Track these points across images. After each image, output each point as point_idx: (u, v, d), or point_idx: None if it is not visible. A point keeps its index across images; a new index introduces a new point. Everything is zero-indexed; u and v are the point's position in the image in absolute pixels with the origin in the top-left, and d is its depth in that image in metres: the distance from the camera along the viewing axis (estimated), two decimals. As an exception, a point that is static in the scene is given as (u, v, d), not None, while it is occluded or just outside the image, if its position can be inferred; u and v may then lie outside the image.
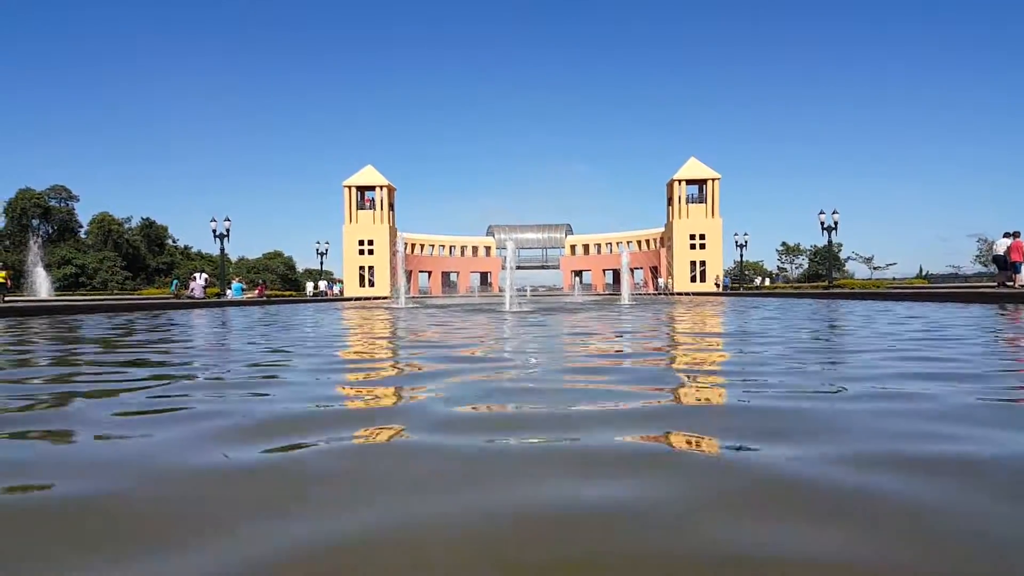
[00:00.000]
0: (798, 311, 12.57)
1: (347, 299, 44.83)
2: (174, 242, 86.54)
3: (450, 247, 71.43)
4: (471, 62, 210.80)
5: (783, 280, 77.37)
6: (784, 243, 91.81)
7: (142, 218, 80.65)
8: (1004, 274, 20.32)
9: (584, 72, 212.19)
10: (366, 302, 34.08)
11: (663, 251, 62.57)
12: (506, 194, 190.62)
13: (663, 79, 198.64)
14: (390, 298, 45.95)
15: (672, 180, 59.77)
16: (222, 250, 35.99)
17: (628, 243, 66.19)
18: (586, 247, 72.64)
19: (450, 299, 40.30)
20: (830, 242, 39.01)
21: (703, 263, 58.30)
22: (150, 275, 76.07)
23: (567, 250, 73.72)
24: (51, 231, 76.47)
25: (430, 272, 68.91)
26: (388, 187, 60.48)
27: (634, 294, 39.39)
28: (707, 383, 3.34)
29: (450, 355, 4.88)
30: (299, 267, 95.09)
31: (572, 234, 74.79)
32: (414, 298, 41.72)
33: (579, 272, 72.39)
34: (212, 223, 35.28)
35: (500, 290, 58.20)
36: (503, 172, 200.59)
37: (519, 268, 67.44)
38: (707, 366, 4.09)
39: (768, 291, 40.67)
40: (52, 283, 48.71)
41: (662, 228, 63.96)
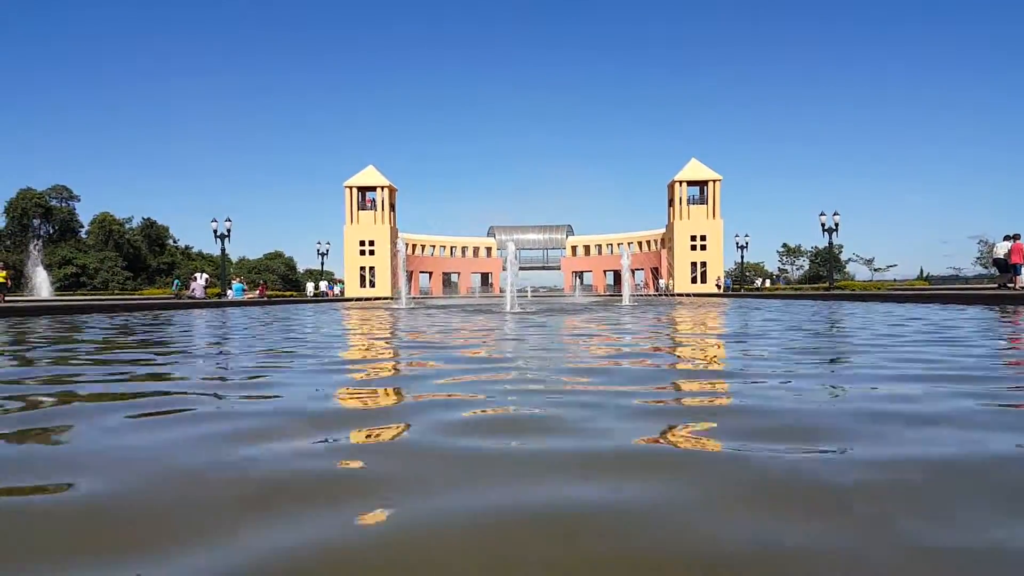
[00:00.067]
0: (800, 312, 12.56)
1: (348, 299, 44.83)
2: (175, 242, 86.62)
3: (451, 248, 71.45)
4: (471, 62, 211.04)
5: (784, 281, 77.30)
6: (785, 244, 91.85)
7: (143, 218, 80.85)
8: (1005, 276, 20.45)
9: (584, 72, 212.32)
10: (367, 302, 34.09)
11: (664, 252, 62.57)
12: (507, 195, 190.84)
13: (663, 79, 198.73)
14: (391, 299, 45.96)
15: (673, 181, 59.78)
16: (223, 250, 36.01)
17: (629, 244, 66.14)
18: (587, 248, 72.65)
19: (451, 300, 40.33)
20: (831, 244, 38.99)
21: (704, 264, 58.28)
22: (151, 275, 76.13)
23: (568, 251, 73.72)
24: (52, 231, 76.55)
25: (431, 273, 68.93)
26: (389, 188, 60.51)
27: (635, 295, 39.38)
28: (707, 385, 3.33)
29: (453, 356, 4.88)
30: (300, 267, 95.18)
31: (573, 235, 74.79)
32: (415, 299, 41.74)
33: (580, 273, 72.38)
34: (213, 223, 35.31)
35: (501, 291, 58.20)
36: (504, 173, 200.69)
37: (520, 269, 67.46)
38: (709, 367, 4.08)
39: (769, 292, 40.63)
40: (53, 283, 48.77)
41: (663, 229, 63.96)
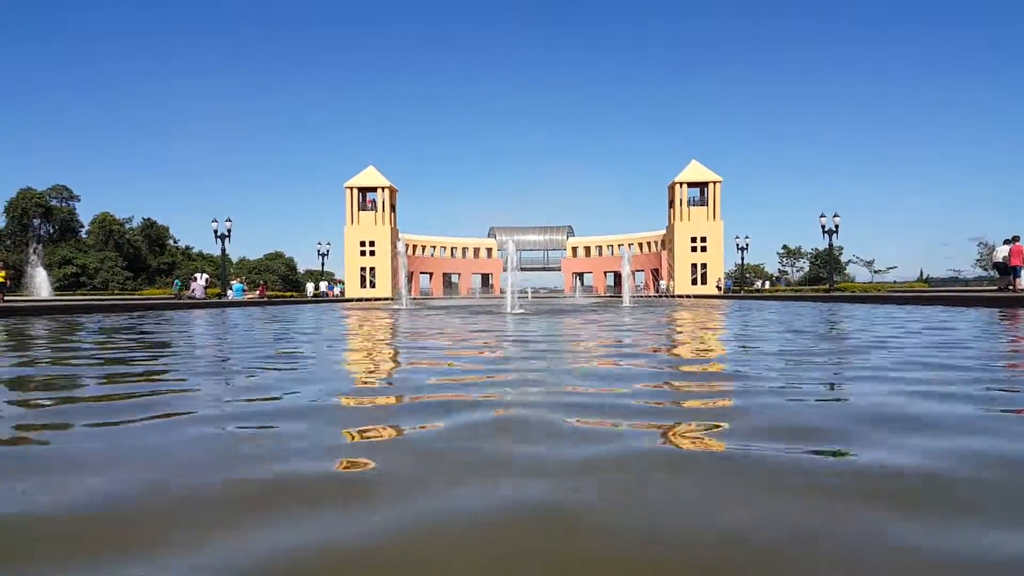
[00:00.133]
0: (801, 314, 12.56)
1: (348, 300, 44.85)
2: (175, 242, 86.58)
3: (451, 248, 71.45)
4: (471, 62, 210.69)
5: (784, 283, 77.25)
6: (785, 246, 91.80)
7: (143, 218, 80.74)
8: (1005, 279, 20.66)
9: (584, 72, 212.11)
10: (367, 303, 34.09)
11: (664, 253, 62.57)
12: (507, 195, 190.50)
13: (663, 79, 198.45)
14: (391, 299, 45.99)
15: (673, 183, 59.80)
16: (223, 250, 36.02)
17: (629, 245, 66.12)
18: (587, 249, 72.67)
19: (451, 300, 40.36)
20: (831, 245, 39.01)
21: (704, 266, 58.29)
22: (151, 275, 76.11)
23: (568, 252, 73.73)
24: (52, 231, 76.53)
25: (431, 273, 68.93)
26: (390, 188, 60.53)
27: (635, 296, 39.36)
28: (707, 386, 3.32)
29: (455, 355, 4.87)
30: (300, 268, 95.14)
31: (573, 236, 74.81)
32: (415, 299, 41.76)
33: (580, 274, 72.38)
34: (213, 223, 35.31)
35: (501, 292, 58.23)
36: (505, 173, 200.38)
37: (520, 270, 67.45)
38: (709, 368, 4.08)
39: (769, 294, 40.64)
40: (53, 283, 48.78)
41: (663, 230, 63.97)
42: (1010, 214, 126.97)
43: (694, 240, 58.50)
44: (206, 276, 34.30)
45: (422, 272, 67.77)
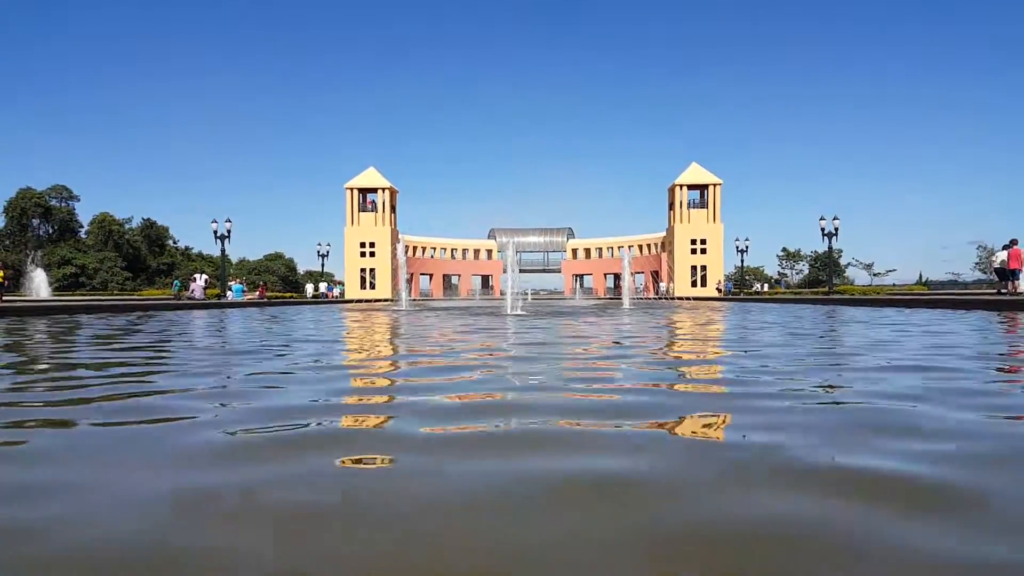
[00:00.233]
0: (802, 317, 12.53)
1: (348, 301, 44.86)
2: (175, 243, 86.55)
3: (451, 250, 71.43)
4: (471, 62, 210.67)
5: (784, 285, 77.22)
6: (785, 249, 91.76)
7: (143, 218, 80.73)
8: (1005, 284, 21.21)
9: (584, 72, 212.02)
10: (367, 304, 34.08)
11: (664, 255, 62.57)
12: (507, 197, 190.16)
13: (663, 79, 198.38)
14: (391, 300, 45.99)
15: (673, 185, 59.80)
16: (223, 251, 35.98)
17: (629, 247, 66.09)
18: (587, 251, 72.69)
19: (451, 302, 40.36)
20: (830, 248, 39.02)
21: (704, 268, 58.27)
22: (151, 276, 76.06)
23: (568, 254, 73.74)
24: (51, 231, 76.52)
25: (431, 275, 68.90)
26: (390, 189, 60.51)
27: (635, 298, 39.39)
28: (705, 388, 3.30)
29: (456, 355, 4.85)
30: (300, 269, 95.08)
31: (573, 238, 74.83)
32: (415, 301, 41.74)
33: (580, 276, 72.39)
34: (213, 224, 35.28)
35: (501, 293, 58.25)
36: (505, 175, 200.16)
37: (520, 271, 67.54)
38: (708, 371, 4.05)
39: (769, 296, 40.64)
40: (52, 283, 48.75)
41: (663, 232, 63.97)
42: (1010, 216, 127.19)
43: (694, 242, 58.50)
44: (205, 277, 34.31)
45: (422, 273, 67.76)
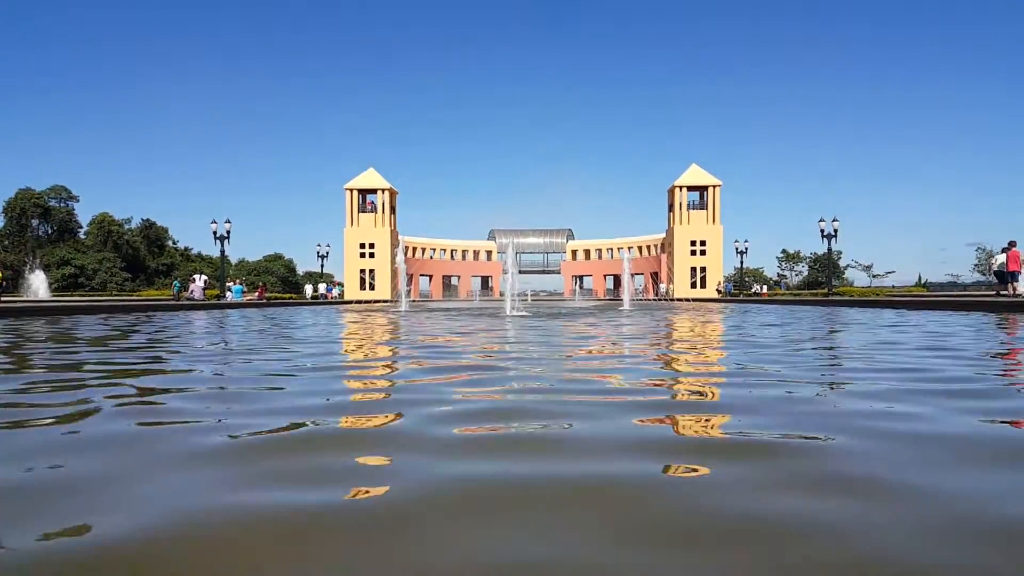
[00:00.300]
0: (802, 318, 12.52)
1: (347, 302, 44.84)
2: (174, 243, 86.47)
3: (451, 251, 71.42)
4: (471, 63, 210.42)
5: (783, 287, 77.23)
6: (784, 250, 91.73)
7: (142, 219, 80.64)
8: (1004, 285, 21.47)
9: (584, 72, 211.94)
10: (368, 305, 34.07)
11: (664, 257, 62.58)
12: (507, 198, 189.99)
13: (664, 80, 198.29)
14: (391, 301, 45.99)
15: (673, 186, 59.82)
16: (222, 252, 35.95)
17: (629, 248, 66.09)
18: (587, 252, 72.70)
19: (451, 303, 40.35)
20: (830, 250, 39.03)
21: (704, 269, 58.29)
22: (150, 276, 75.98)
23: (568, 255, 73.75)
24: (51, 231, 76.46)
25: (431, 276, 68.90)
26: (390, 190, 60.52)
27: (635, 299, 39.41)
28: (705, 387, 3.29)
29: (454, 357, 4.84)
30: (300, 270, 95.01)
31: (573, 239, 74.82)
32: (415, 302, 41.76)
33: (580, 277, 72.40)
34: (213, 225, 35.26)
35: (501, 294, 58.25)
36: (505, 176, 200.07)
37: (520, 272, 67.48)
38: (709, 370, 4.04)
39: (768, 298, 40.66)
40: (51, 284, 48.73)
41: (663, 234, 63.99)
42: (1009, 218, 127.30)
43: (694, 244, 58.53)
44: (205, 277, 34.31)
45: (422, 274, 67.76)
